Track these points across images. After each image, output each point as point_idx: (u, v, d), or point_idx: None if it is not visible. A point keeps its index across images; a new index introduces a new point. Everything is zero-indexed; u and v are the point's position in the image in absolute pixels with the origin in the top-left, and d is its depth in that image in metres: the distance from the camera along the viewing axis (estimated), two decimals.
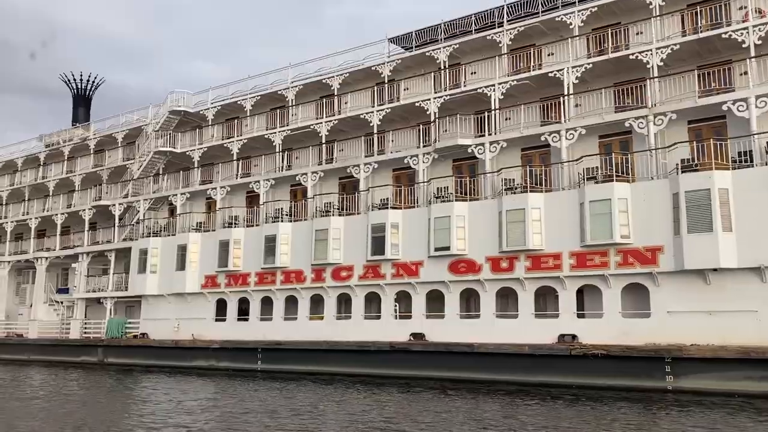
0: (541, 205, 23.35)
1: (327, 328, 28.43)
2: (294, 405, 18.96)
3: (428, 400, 19.65)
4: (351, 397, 20.82)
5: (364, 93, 31.91)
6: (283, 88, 34.36)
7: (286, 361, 28.45)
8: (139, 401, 20.70)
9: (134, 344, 34.38)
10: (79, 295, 38.83)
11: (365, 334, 26.94)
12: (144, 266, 34.72)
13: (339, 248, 28.24)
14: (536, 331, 23.03)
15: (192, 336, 32.53)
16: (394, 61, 30.67)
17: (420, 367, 24.74)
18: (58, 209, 43.16)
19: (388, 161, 29.15)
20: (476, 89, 27.18)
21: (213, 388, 24.15)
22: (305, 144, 33.29)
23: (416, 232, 26.18)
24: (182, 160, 37.86)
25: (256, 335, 30.30)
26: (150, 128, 39.46)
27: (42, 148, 48.71)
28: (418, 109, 29.23)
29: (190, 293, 33.03)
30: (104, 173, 41.26)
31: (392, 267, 26.67)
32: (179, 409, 18.85)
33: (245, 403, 19.54)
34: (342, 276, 28.13)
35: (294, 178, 32.18)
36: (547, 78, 25.99)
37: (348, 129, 32.12)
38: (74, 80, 66.67)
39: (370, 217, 27.28)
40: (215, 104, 37.18)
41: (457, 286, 25.19)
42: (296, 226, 30.16)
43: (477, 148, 26.12)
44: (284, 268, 29.94)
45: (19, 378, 29.66)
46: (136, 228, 37.21)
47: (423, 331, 25.66)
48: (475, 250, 24.64)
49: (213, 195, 34.63)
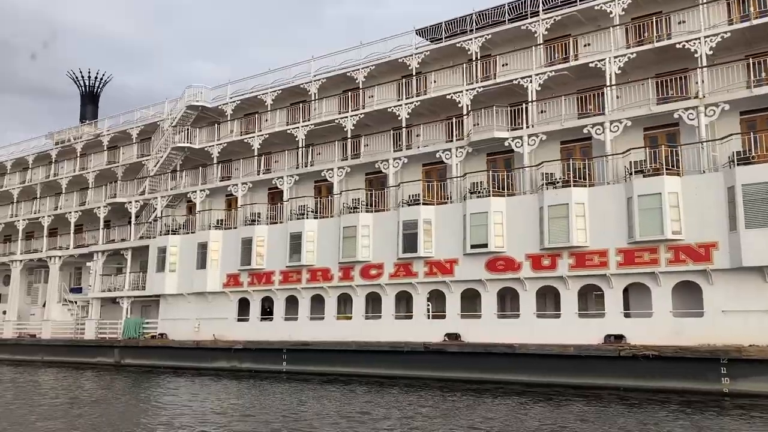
0: (585, 200, 22.42)
1: (355, 328, 27.51)
2: (360, 409, 17.97)
3: (489, 404, 18.70)
4: (406, 400, 19.87)
5: (389, 86, 30.98)
6: (306, 81, 33.44)
7: (313, 362, 27.56)
8: (170, 405, 19.78)
9: (153, 345, 33.48)
10: (94, 295, 37.93)
11: (396, 334, 26.01)
12: (162, 265, 33.81)
13: (368, 246, 27.32)
14: (580, 331, 22.09)
15: (213, 336, 31.63)
16: (423, 53, 29.73)
17: (456, 368, 23.85)
18: (71, 207, 42.30)
19: (418, 156, 28.22)
20: (512, 80, 26.25)
21: (251, 390, 23.24)
22: (328, 139, 32.39)
23: (450, 229, 25.26)
24: (200, 156, 36.96)
25: (281, 335, 29.38)
26: (166, 124, 38.58)
27: (51, 145, 47.88)
28: (449, 102, 28.34)
29: (211, 292, 32.12)
30: (119, 170, 40.35)
31: (425, 265, 25.74)
32: (216, 411, 17.99)
33: (305, 406, 18.65)
34: (371, 274, 27.20)
35: (319, 174, 31.27)
36: (586, 69, 25.07)
37: (373, 123, 31.19)
38: (82, 78, 66.12)
39: (401, 214, 26.36)
40: (234, 99, 36.26)
41: (494, 285, 24.26)
42: (322, 223, 29.25)
43: (514, 141, 25.19)
44: (310, 267, 29.03)
45: (34, 380, 28.79)
46: (154, 226, 36.29)
47: (458, 332, 24.74)
48: (514, 247, 23.71)
49: (234, 191, 33.71)
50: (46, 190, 45.44)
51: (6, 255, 45.79)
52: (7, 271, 47.95)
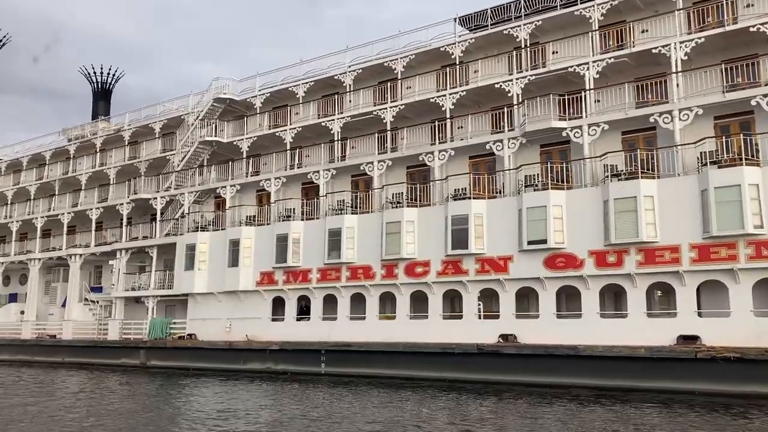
0: (654, 192, 21.12)
1: (399, 328, 26.25)
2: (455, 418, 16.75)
3: (577, 411, 17.46)
4: (489, 407, 18.63)
5: (428, 77, 29.72)
6: (340, 72, 32.18)
7: (354, 363, 26.31)
8: (213, 411, 18.55)
9: (181, 346, 32.21)
10: (117, 294, 36.70)
11: (444, 335, 24.75)
12: (191, 262, 32.56)
13: (413, 242, 26.06)
14: (650, 331, 20.81)
15: (246, 337, 30.38)
16: (467, 41, 28.46)
17: (512, 371, 22.58)
18: (91, 203, 41.08)
19: (465, 148, 26.94)
20: (567, 68, 24.98)
21: (302, 392, 22.00)
22: (363, 132, 31.16)
23: (504, 224, 23.99)
24: (227, 151, 35.75)
25: (319, 336, 28.13)
26: (191, 118, 37.36)
27: (64, 142, 46.71)
28: (495, 91, 27.11)
29: (243, 291, 30.87)
30: (142, 165, 39.11)
31: (476, 262, 24.46)
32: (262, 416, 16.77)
33: (382, 413, 17.42)
34: (417, 272, 25.93)
35: (357, 168, 30.02)
36: (647, 55, 23.80)
37: (412, 115, 29.95)
38: (94, 74, 65.05)
39: (450, 208, 25.09)
40: (263, 91, 35.01)
41: (553, 283, 22.98)
42: (363, 219, 27.97)
43: (573, 131, 23.90)
44: (350, 264, 27.76)
45: (56, 381, 27.61)
46: (181, 222, 35.05)
47: (513, 332, 23.47)
48: (576, 243, 22.43)
49: (266, 186, 32.45)
50: (64, 187, 44.23)
51: (23, 253, 44.58)
52: (23, 270, 46.83)
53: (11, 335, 41.97)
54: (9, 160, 49.40)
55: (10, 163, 49.17)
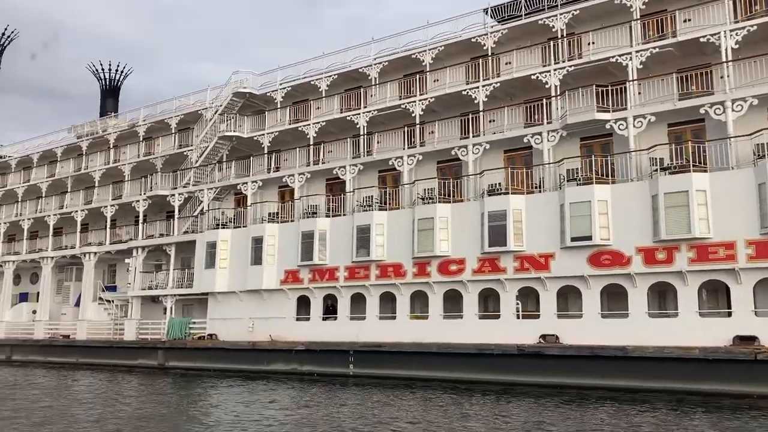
0: (707, 186, 20.23)
1: (432, 328, 25.37)
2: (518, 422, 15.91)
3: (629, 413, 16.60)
4: (549, 411, 17.74)
5: (457, 69, 28.81)
6: (366, 65, 31.28)
7: (384, 364, 25.45)
8: (246, 412, 17.67)
9: (202, 346, 31.33)
10: (134, 293, 35.81)
11: (480, 335, 23.86)
12: (212, 260, 31.67)
13: (447, 239, 25.17)
14: (702, 332, 19.91)
15: (270, 337, 29.50)
16: (499, 32, 27.57)
17: (554, 373, 21.72)
18: (106, 200, 40.20)
19: (499, 141, 26.05)
20: (608, 58, 24.09)
21: (341, 395, 21.10)
22: (388, 126, 30.29)
23: (544, 220, 23.11)
24: (247, 146, 34.88)
25: (346, 336, 27.25)
26: (209, 113, 36.48)
27: (74, 139, 45.84)
28: (530, 83, 26.27)
29: (266, 290, 29.98)
30: (158, 161, 38.21)
31: (515, 260, 23.57)
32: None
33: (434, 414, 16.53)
34: (451, 270, 25.05)
35: (383, 163, 29.14)
36: (692, 45, 22.92)
37: (440, 109, 29.06)
38: (102, 71, 64.27)
39: (487, 204, 24.19)
40: (284, 85, 34.11)
41: (598, 282, 22.09)
42: (392, 215, 27.09)
43: (618, 123, 23.00)
44: (380, 262, 26.87)
45: (74, 382, 26.73)
46: (200, 219, 34.16)
47: (555, 333, 22.59)
48: (622, 239, 21.53)
49: (290, 182, 31.55)
50: (77, 184, 43.36)
51: (35, 252, 43.70)
52: (34, 269, 45.97)
53: (23, 335, 41.16)
54: (18, 157, 48.54)
55: (20, 161, 48.28)
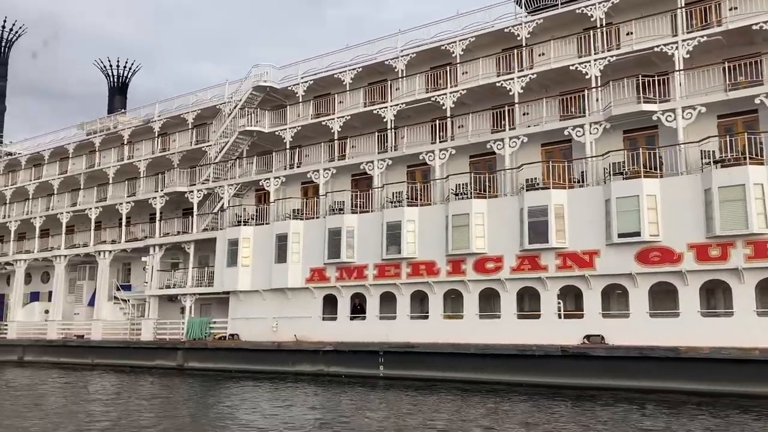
0: (765, 180, 19.33)
1: (467, 328, 24.47)
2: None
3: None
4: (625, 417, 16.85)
5: (487, 61, 27.91)
6: (392, 57, 30.40)
7: (417, 365, 24.57)
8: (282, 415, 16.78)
9: (224, 347, 30.44)
10: (151, 292, 34.92)
11: (519, 335, 22.96)
12: (234, 259, 30.76)
13: (483, 236, 24.27)
14: (759, 331, 19.01)
15: (295, 337, 28.62)
16: (534, 22, 26.66)
17: (600, 374, 20.84)
18: (121, 197, 39.32)
19: (538, 134, 25.14)
20: (652, 48, 23.19)
21: (376, 398, 20.19)
22: (415, 120, 29.39)
23: (588, 216, 22.21)
24: (267, 142, 34.02)
25: (375, 336, 26.35)
26: (227, 108, 35.60)
27: (83, 136, 45.00)
28: (566, 75, 25.44)
29: (291, 288, 29.09)
30: (174, 158, 37.31)
31: (557, 257, 22.68)
32: None
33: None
34: (488, 268, 24.15)
35: (413, 158, 28.25)
36: (741, 34, 22.05)
37: (471, 101, 28.16)
38: (110, 67, 63.49)
39: (526, 199, 23.28)
40: (306, 79, 33.20)
41: (646, 279, 21.17)
42: (424, 211, 26.19)
43: (665, 114, 22.10)
44: (411, 259, 25.97)
45: (93, 384, 25.84)
46: (220, 216, 33.26)
47: (600, 333, 21.69)
48: (672, 235, 20.63)
49: (314, 178, 30.65)
50: (90, 181, 42.46)
51: (48, 250, 42.80)
52: (45, 268, 45.09)
53: (36, 335, 40.27)
54: (29, 154, 47.69)
55: (30, 158, 47.43)
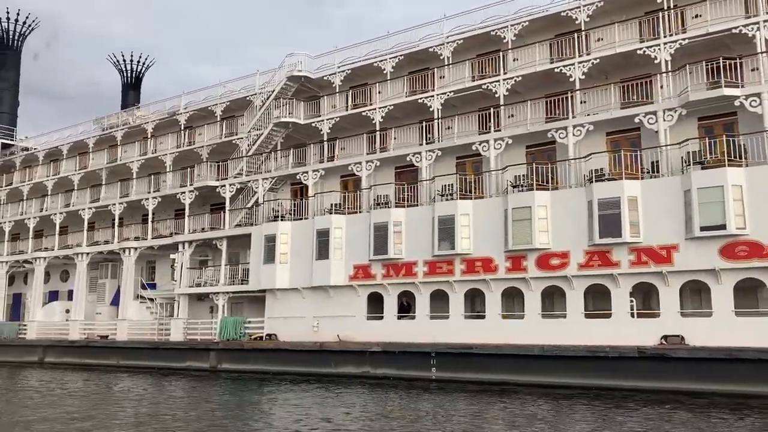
0: None
1: (529, 328, 23.07)
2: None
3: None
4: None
5: (541, 47, 26.49)
6: (437, 44, 29.02)
7: (473, 368, 23.19)
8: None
9: (261, 347, 29.04)
10: (181, 291, 33.54)
11: (588, 336, 21.56)
12: (272, 255, 29.38)
13: (546, 230, 22.87)
14: None
15: (338, 337, 27.25)
16: (593, 4, 25.26)
17: (679, 377, 19.44)
18: (143, 193, 37.96)
19: (603, 122, 23.73)
20: (730, 29, 21.78)
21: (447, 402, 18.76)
22: (461, 110, 28.01)
23: (664, 209, 20.81)
24: (301, 133, 32.68)
25: (426, 336, 24.95)
26: (258, 99, 34.25)
27: (99, 131, 43.69)
28: (628, 60, 24.12)
29: (333, 286, 27.71)
30: (203, 151, 35.94)
31: (630, 252, 21.27)
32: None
33: None
34: (552, 265, 22.75)
35: (464, 149, 26.86)
36: None
37: (523, 90, 26.77)
38: (124, 61, 62.27)
39: (595, 191, 21.88)
40: (343, 68, 31.81)
41: (731, 276, 19.76)
42: (479, 205, 24.81)
43: (749, 99, 20.69)
44: (466, 256, 24.58)
45: (126, 386, 24.44)
46: (254, 211, 31.89)
47: (679, 333, 20.29)
48: (761, 228, 19.22)
49: (356, 171, 29.26)
50: (111, 176, 41.09)
51: (68, 247, 41.42)
52: (64, 266, 43.77)
53: (57, 336, 38.93)
54: (46, 149, 46.36)
55: (48, 153, 46.11)
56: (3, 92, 55.85)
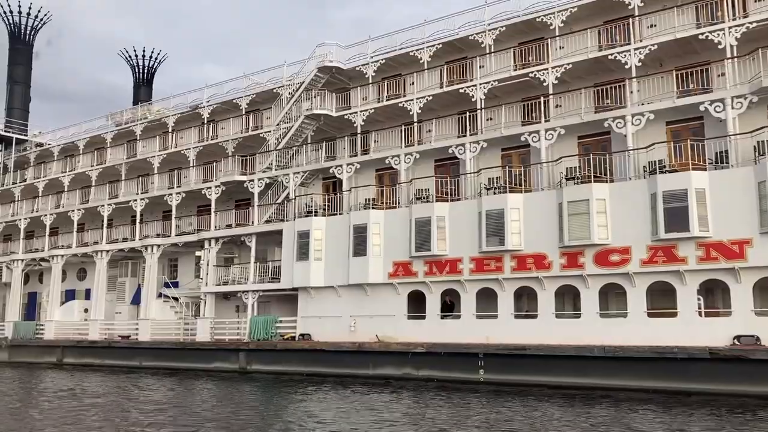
0: None
1: (586, 328, 21.90)
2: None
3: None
4: None
5: (589, 34, 25.29)
6: (478, 32, 27.84)
7: (525, 370, 22.04)
8: None
9: (295, 348, 27.88)
10: (207, 289, 32.39)
11: (651, 336, 20.42)
12: (305, 252, 28.23)
13: (605, 224, 21.69)
14: None
15: (376, 337, 26.10)
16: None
17: (755, 380, 18.24)
18: (164, 189, 36.82)
19: (665, 111, 22.53)
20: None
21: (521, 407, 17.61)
22: (502, 101, 26.85)
23: (735, 201, 19.64)
24: (331, 126, 31.54)
25: (472, 337, 23.81)
26: (286, 92, 33.11)
27: (112, 127, 42.58)
28: (685, 47, 22.99)
29: (370, 284, 26.56)
30: (229, 145, 34.79)
31: (698, 248, 20.09)
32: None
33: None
34: (612, 261, 21.56)
35: (511, 140, 25.69)
36: None
37: (569, 79, 25.60)
38: (136, 56, 61.23)
39: (659, 183, 20.69)
40: (376, 58, 30.63)
41: None
42: (530, 198, 23.64)
43: None
44: (516, 252, 23.40)
45: (165, 389, 23.30)
46: (286, 207, 30.72)
47: (753, 333, 19.11)
48: None
49: (394, 164, 28.08)
50: (131, 171, 39.96)
51: (86, 245, 40.30)
52: (82, 265, 42.65)
53: (76, 336, 37.82)
54: (61, 144, 45.23)
55: (63, 148, 44.98)
56: (15, 87, 54.67)
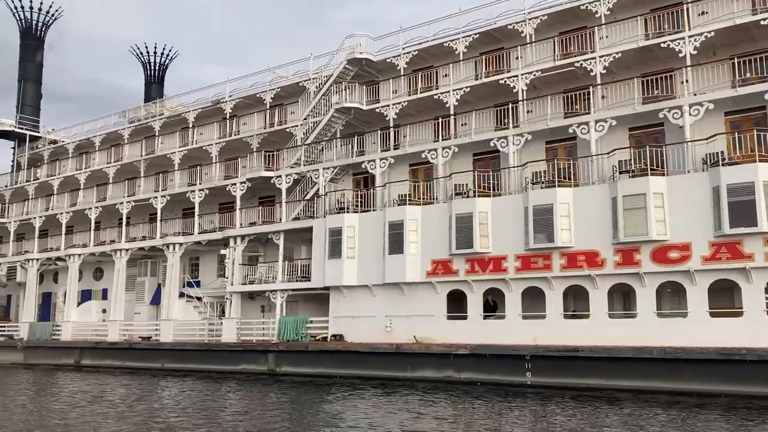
0: None
1: (642, 328, 20.85)
2: None
3: None
4: None
5: (636, 21, 24.26)
6: (517, 21, 26.81)
7: (577, 372, 21.02)
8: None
9: (329, 349, 26.85)
10: (233, 289, 31.37)
11: (714, 337, 19.36)
12: (337, 250, 27.21)
13: (663, 219, 20.64)
14: None
15: (414, 339, 25.07)
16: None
17: None
18: (186, 185, 35.83)
19: (724, 101, 21.47)
20: None
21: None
22: (542, 92, 25.84)
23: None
24: (361, 120, 30.56)
25: (516, 337, 22.78)
26: (313, 85, 32.11)
27: (126, 123, 41.61)
28: (739, 34, 22.09)
29: (407, 283, 25.54)
30: (253, 140, 33.79)
31: (766, 243, 19.04)
32: None
33: None
34: (671, 258, 20.50)
35: (557, 132, 24.64)
36: None
37: (615, 69, 24.55)
38: (148, 53, 60.36)
39: (722, 176, 19.64)
40: (408, 49, 29.60)
41: None
42: (580, 193, 22.59)
43: None
44: (566, 249, 22.35)
45: (194, 392, 22.27)
46: (315, 203, 29.70)
47: None
48: None
49: (431, 158, 27.03)
50: (150, 168, 38.97)
51: (104, 244, 39.31)
52: (98, 264, 41.69)
53: (94, 337, 36.84)
54: (76, 141, 44.27)
55: (78, 145, 44.03)
56: (27, 83, 53.65)
